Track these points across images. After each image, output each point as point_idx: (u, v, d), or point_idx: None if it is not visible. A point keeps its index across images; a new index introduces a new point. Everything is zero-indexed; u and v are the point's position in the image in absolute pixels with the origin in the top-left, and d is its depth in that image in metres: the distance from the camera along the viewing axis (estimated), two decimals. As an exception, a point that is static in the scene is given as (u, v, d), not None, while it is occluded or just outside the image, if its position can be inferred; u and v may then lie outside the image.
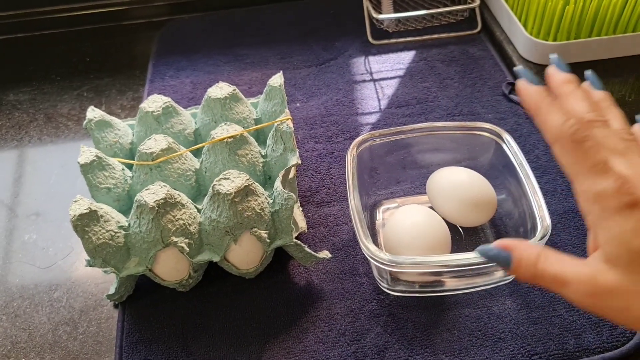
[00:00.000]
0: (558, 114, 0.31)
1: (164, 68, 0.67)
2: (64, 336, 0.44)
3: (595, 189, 0.29)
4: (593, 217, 0.30)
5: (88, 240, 0.39)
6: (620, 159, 0.30)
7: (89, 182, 0.43)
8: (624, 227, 0.28)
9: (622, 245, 0.28)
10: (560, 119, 0.30)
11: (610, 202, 0.29)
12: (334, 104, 0.60)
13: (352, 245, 0.47)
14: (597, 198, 0.29)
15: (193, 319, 0.44)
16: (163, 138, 0.44)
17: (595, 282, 0.29)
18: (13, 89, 0.67)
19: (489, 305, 0.43)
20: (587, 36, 0.59)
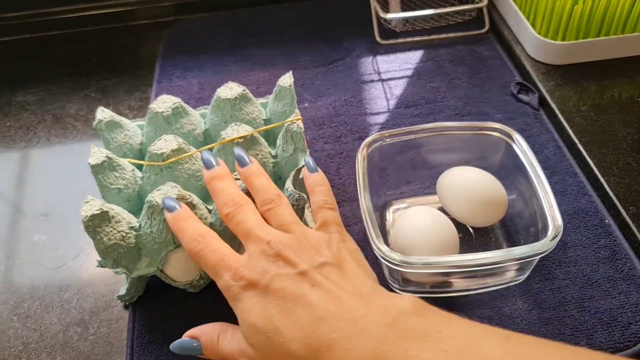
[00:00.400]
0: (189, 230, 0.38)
1: (171, 68, 0.67)
2: (75, 337, 0.44)
3: (220, 285, 0.35)
4: (230, 304, 0.35)
5: (99, 241, 0.39)
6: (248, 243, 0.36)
7: (100, 183, 0.43)
8: (242, 308, 0.34)
9: (244, 324, 0.33)
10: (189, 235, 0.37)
11: (231, 291, 0.34)
12: (342, 104, 0.60)
13: (362, 245, 0.47)
14: (224, 290, 0.35)
15: (204, 320, 0.43)
16: (173, 138, 0.44)
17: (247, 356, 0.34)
18: (21, 89, 0.67)
19: (500, 306, 0.43)
20: (596, 35, 0.59)
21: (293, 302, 0.32)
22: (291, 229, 0.37)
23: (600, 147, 0.52)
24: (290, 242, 0.35)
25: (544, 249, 0.39)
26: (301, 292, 0.33)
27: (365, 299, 0.33)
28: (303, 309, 0.32)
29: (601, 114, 0.55)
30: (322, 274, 0.34)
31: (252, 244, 0.36)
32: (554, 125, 0.56)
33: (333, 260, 0.35)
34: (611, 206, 0.48)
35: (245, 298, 0.34)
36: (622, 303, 0.42)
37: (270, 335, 0.32)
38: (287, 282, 0.33)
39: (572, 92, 0.58)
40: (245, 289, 0.34)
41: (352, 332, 0.31)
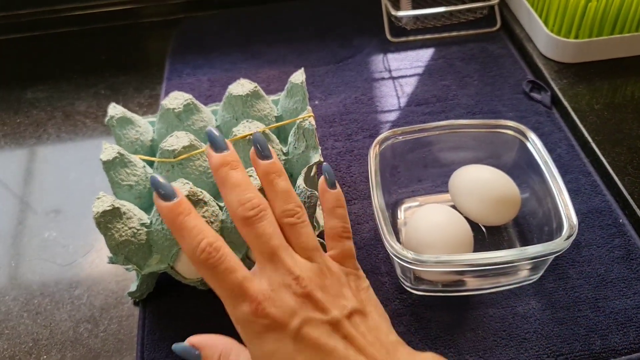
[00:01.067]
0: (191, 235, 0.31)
1: (181, 66, 0.67)
2: (85, 334, 0.44)
3: (235, 315, 0.31)
4: (243, 337, 0.31)
5: (111, 237, 0.39)
6: (267, 265, 0.32)
7: (111, 179, 0.43)
8: (262, 350, 0.30)
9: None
10: (192, 242, 0.31)
11: (250, 326, 0.30)
12: (353, 102, 0.60)
13: (374, 244, 0.47)
14: (238, 322, 0.31)
15: (214, 317, 0.43)
16: (185, 135, 0.44)
17: None
18: (31, 86, 0.67)
19: (514, 305, 0.42)
20: (610, 34, 0.59)
21: (325, 356, 0.30)
22: (315, 258, 0.34)
23: (614, 146, 0.51)
24: (317, 278, 0.32)
25: (558, 249, 0.38)
26: (334, 345, 0.30)
27: (390, 355, 0.32)
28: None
29: (615, 112, 0.55)
30: (352, 324, 0.31)
31: (275, 272, 0.32)
32: (566, 123, 0.55)
33: (358, 305, 0.33)
34: (625, 205, 0.47)
35: (268, 340, 0.30)
36: (637, 303, 0.42)
37: None
38: (319, 331, 0.30)
39: (585, 90, 0.57)
40: (269, 329, 0.30)
41: None
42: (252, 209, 0.33)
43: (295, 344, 0.29)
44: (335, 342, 0.30)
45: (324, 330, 0.30)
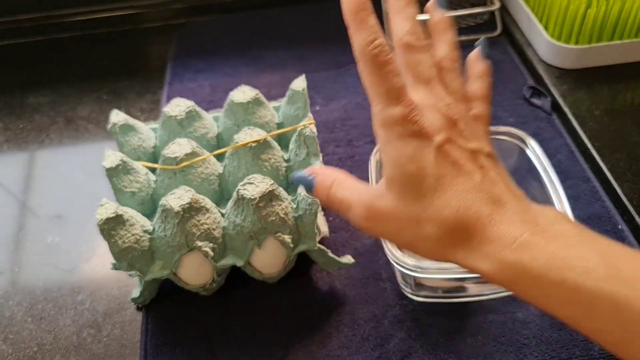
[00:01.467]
0: (367, 32, 0.30)
1: (182, 71, 0.67)
2: (89, 339, 0.44)
3: (384, 115, 0.30)
4: (380, 141, 0.30)
5: (114, 244, 0.40)
6: (421, 87, 0.31)
7: (114, 186, 0.44)
8: (401, 152, 0.29)
9: (397, 168, 0.29)
10: (366, 38, 0.30)
11: (395, 129, 0.29)
12: (354, 108, 0.60)
13: (375, 250, 0.47)
14: (384, 123, 0.30)
15: (216, 322, 0.44)
16: (187, 142, 0.44)
17: (372, 206, 0.30)
18: (33, 91, 0.67)
19: (513, 311, 0.43)
20: (610, 39, 0.59)
21: (462, 173, 0.29)
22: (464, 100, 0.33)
23: (614, 152, 0.52)
24: (465, 116, 0.32)
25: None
26: (471, 168, 0.30)
27: (520, 200, 0.30)
28: (473, 184, 0.29)
29: (615, 118, 0.55)
30: (490, 162, 0.31)
31: (428, 94, 0.31)
32: (566, 129, 0.56)
33: (493, 154, 0.32)
34: (624, 212, 0.48)
35: (410, 145, 0.29)
36: (636, 309, 0.42)
37: (426, 193, 0.29)
38: (459, 153, 0.30)
39: (585, 96, 0.58)
40: (413, 136, 0.29)
41: (511, 221, 0.28)
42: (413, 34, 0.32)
43: (436, 156, 0.29)
44: (472, 167, 0.30)
45: (464, 154, 0.30)
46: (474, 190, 0.29)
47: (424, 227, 0.29)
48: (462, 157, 0.30)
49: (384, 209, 0.30)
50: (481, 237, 0.28)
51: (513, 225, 0.28)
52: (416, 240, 0.30)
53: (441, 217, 0.29)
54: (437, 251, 0.29)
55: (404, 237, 0.30)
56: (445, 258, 0.30)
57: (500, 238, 0.28)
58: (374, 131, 0.31)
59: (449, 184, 0.29)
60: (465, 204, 0.29)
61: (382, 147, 0.30)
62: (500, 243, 0.28)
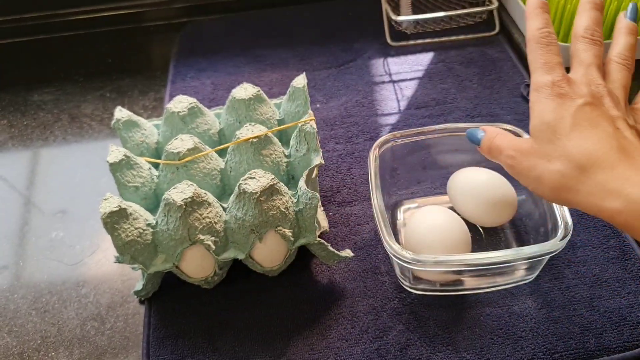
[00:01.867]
0: (541, 21, 0.37)
1: (185, 69, 0.68)
2: (92, 331, 0.45)
3: (538, 80, 0.36)
4: (531, 102, 0.36)
5: (117, 237, 0.40)
6: (581, 69, 0.36)
7: (118, 181, 0.44)
8: (545, 107, 0.35)
9: (538, 118, 0.35)
10: (539, 24, 0.37)
11: (545, 90, 0.35)
12: (354, 105, 0.61)
13: (374, 244, 0.48)
14: (537, 87, 0.35)
15: (218, 315, 0.44)
16: (189, 138, 0.45)
17: (516, 146, 0.36)
18: (37, 89, 0.68)
19: (510, 304, 0.43)
20: (607, 38, 0.60)
21: (597, 127, 0.33)
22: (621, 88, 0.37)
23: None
24: (614, 97, 0.35)
25: (553, 249, 0.39)
26: (607, 126, 0.33)
27: None
28: (606, 134, 0.33)
29: (611, 115, 0.56)
30: (627, 127, 0.34)
31: (585, 74, 0.36)
32: (563, 126, 0.56)
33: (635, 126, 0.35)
34: (620, 207, 0.48)
35: (552, 102, 0.34)
36: (631, 303, 0.43)
37: (560, 136, 0.33)
38: (599, 114, 0.34)
39: (582, 94, 0.58)
40: (558, 96, 0.34)
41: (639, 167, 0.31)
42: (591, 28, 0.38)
43: (576, 111, 0.34)
44: (608, 125, 0.33)
45: (602, 116, 0.34)
46: (605, 139, 0.32)
47: (554, 163, 0.33)
48: (599, 117, 0.33)
49: (524, 148, 0.35)
50: (607, 175, 0.31)
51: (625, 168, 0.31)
52: (544, 174, 0.34)
53: (571, 155, 0.33)
54: (561, 186, 0.33)
55: (535, 171, 0.34)
56: (568, 196, 0.33)
57: (627, 178, 0.30)
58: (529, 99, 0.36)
59: (582, 132, 0.33)
60: (595, 148, 0.32)
61: (531, 106, 0.36)
62: (628, 182, 0.30)
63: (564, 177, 0.33)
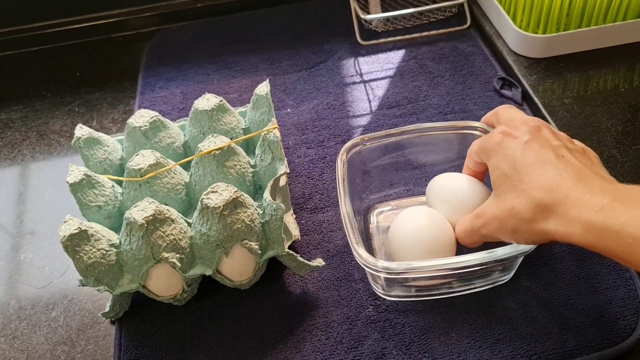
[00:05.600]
0: None
1: (154, 79, 0.67)
2: (62, 356, 0.44)
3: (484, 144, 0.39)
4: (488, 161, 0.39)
5: (79, 260, 0.39)
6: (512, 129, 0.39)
7: (79, 201, 0.43)
8: (497, 157, 0.38)
9: (495, 171, 0.37)
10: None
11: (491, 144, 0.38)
12: (325, 108, 0.60)
13: (347, 251, 0.47)
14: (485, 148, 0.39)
15: (190, 332, 0.43)
16: (151, 153, 0.44)
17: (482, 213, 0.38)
18: (4, 107, 0.67)
19: (487, 307, 0.42)
20: (577, 27, 0.59)
21: (546, 160, 0.35)
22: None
23: (585, 139, 0.51)
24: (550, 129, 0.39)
25: (526, 249, 0.38)
26: (555, 156, 0.35)
27: (602, 179, 0.35)
28: (554, 167, 0.35)
29: (585, 106, 0.55)
30: (576, 156, 0.36)
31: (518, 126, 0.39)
32: (537, 119, 0.55)
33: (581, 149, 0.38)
34: (596, 200, 0.47)
35: (502, 147, 0.37)
36: (609, 298, 0.42)
37: (515, 183, 0.35)
38: (544, 146, 0.36)
39: (555, 84, 0.57)
40: (505, 136, 0.38)
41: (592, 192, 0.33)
42: None
43: (522, 150, 0.36)
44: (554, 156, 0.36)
45: (549, 147, 0.36)
46: (555, 172, 0.34)
47: (519, 211, 0.35)
48: (544, 149, 0.36)
49: (490, 210, 0.37)
50: (566, 204, 0.33)
51: (594, 195, 0.32)
52: (517, 226, 0.35)
53: (530, 196, 0.34)
54: (534, 229, 0.34)
55: (508, 226, 0.36)
56: (543, 233, 0.34)
57: (584, 204, 0.32)
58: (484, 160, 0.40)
59: (534, 170, 0.35)
60: (550, 182, 0.34)
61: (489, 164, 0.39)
62: (583, 207, 0.32)
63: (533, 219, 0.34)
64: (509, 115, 0.41)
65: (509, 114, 0.41)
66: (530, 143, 0.37)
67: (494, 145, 0.38)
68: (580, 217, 0.32)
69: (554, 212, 0.33)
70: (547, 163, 0.35)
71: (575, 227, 0.32)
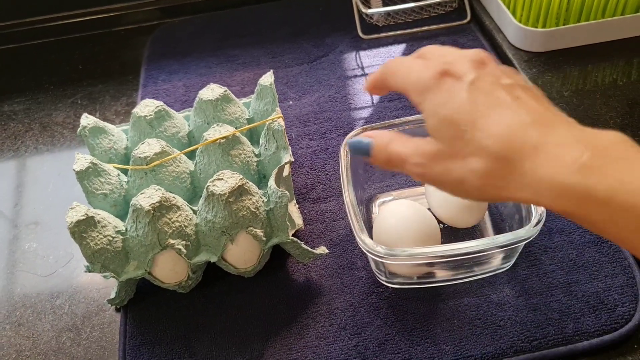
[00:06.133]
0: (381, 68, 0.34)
1: (156, 72, 0.67)
2: (68, 342, 0.44)
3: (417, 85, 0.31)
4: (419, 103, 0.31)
5: (86, 246, 0.40)
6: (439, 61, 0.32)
7: (85, 189, 0.44)
8: (435, 102, 0.30)
9: (433, 117, 0.30)
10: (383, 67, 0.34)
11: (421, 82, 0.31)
12: (327, 101, 0.60)
13: (350, 240, 0.47)
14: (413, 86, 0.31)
15: (194, 319, 0.44)
16: (156, 142, 0.44)
17: (422, 152, 0.31)
18: (7, 99, 0.67)
19: (488, 294, 0.43)
20: (576, 21, 0.60)
21: (501, 103, 0.29)
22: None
23: (584, 132, 0.52)
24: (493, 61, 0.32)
25: (527, 235, 0.39)
26: (511, 98, 0.29)
27: (572, 124, 0.29)
28: (512, 111, 0.28)
29: (584, 99, 0.56)
30: (528, 93, 0.30)
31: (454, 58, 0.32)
32: (537, 112, 0.56)
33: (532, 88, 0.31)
34: (595, 190, 0.48)
35: (442, 89, 0.30)
36: (608, 285, 0.42)
37: (466, 128, 0.29)
38: (495, 85, 0.29)
39: (554, 78, 0.58)
40: (443, 76, 0.30)
41: (566, 142, 0.26)
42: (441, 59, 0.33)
43: (469, 93, 0.29)
44: (509, 97, 0.29)
45: (500, 87, 0.29)
46: (515, 117, 0.28)
47: (470, 162, 0.28)
48: (496, 90, 0.29)
49: (433, 151, 0.30)
50: (534, 161, 0.27)
51: (569, 147, 0.26)
52: (465, 177, 0.29)
53: (484, 147, 0.28)
54: (488, 186, 0.28)
55: (454, 176, 0.29)
56: (498, 194, 0.28)
57: (556, 159, 0.26)
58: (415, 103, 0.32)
59: (487, 115, 0.28)
60: (509, 131, 0.27)
61: (421, 106, 0.31)
62: (558, 165, 0.26)
63: (487, 175, 0.28)
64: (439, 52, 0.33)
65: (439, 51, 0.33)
66: (476, 83, 0.29)
67: (430, 86, 0.30)
68: (553, 179, 0.26)
69: (517, 170, 0.27)
70: (503, 106, 0.28)
71: (546, 191, 0.26)
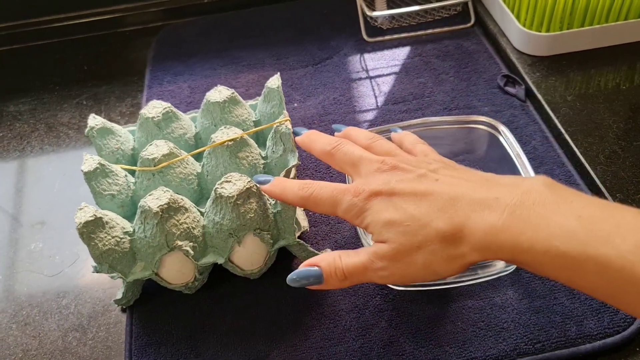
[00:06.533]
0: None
1: (161, 74, 0.67)
2: (74, 342, 0.44)
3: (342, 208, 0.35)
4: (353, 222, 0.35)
5: (94, 247, 0.40)
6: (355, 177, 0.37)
7: (93, 190, 0.44)
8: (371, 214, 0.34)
9: (377, 225, 0.34)
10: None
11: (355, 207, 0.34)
12: (331, 103, 0.61)
13: (355, 242, 0.48)
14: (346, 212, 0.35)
15: (200, 320, 0.44)
16: (164, 143, 0.45)
17: (380, 255, 0.33)
18: (13, 100, 0.67)
19: (491, 296, 0.43)
20: (580, 26, 0.60)
21: (422, 195, 0.33)
22: (397, 154, 0.38)
23: (587, 136, 0.53)
24: (402, 158, 0.37)
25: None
26: (428, 187, 0.33)
27: (491, 181, 0.34)
28: (434, 197, 0.33)
29: (587, 103, 0.56)
30: (441, 173, 0.35)
31: (364, 166, 0.36)
32: (540, 116, 0.56)
33: (446, 165, 0.36)
34: (599, 194, 0.49)
35: (372, 206, 0.34)
36: (611, 289, 0.43)
37: (409, 223, 0.32)
38: (411, 183, 0.34)
39: (558, 82, 0.58)
40: (369, 199, 0.34)
41: (487, 205, 0.31)
42: (333, 143, 0.40)
43: (394, 198, 0.33)
44: (429, 185, 0.34)
45: (415, 182, 0.34)
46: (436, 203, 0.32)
47: (428, 247, 0.32)
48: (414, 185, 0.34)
49: (390, 251, 0.33)
50: (466, 234, 0.31)
51: (484, 212, 0.31)
52: (430, 261, 0.32)
53: (435, 231, 0.32)
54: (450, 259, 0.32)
55: (419, 263, 0.33)
56: (462, 263, 0.32)
57: (481, 229, 0.31)
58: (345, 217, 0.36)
59: (422, 208, 0.33)
60: (445, 212, 0.32)
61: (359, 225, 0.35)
62: (485, 232, 0.30)
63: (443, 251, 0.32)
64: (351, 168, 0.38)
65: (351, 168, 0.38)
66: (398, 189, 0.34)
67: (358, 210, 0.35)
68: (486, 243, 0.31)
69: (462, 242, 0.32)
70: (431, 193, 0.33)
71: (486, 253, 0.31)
